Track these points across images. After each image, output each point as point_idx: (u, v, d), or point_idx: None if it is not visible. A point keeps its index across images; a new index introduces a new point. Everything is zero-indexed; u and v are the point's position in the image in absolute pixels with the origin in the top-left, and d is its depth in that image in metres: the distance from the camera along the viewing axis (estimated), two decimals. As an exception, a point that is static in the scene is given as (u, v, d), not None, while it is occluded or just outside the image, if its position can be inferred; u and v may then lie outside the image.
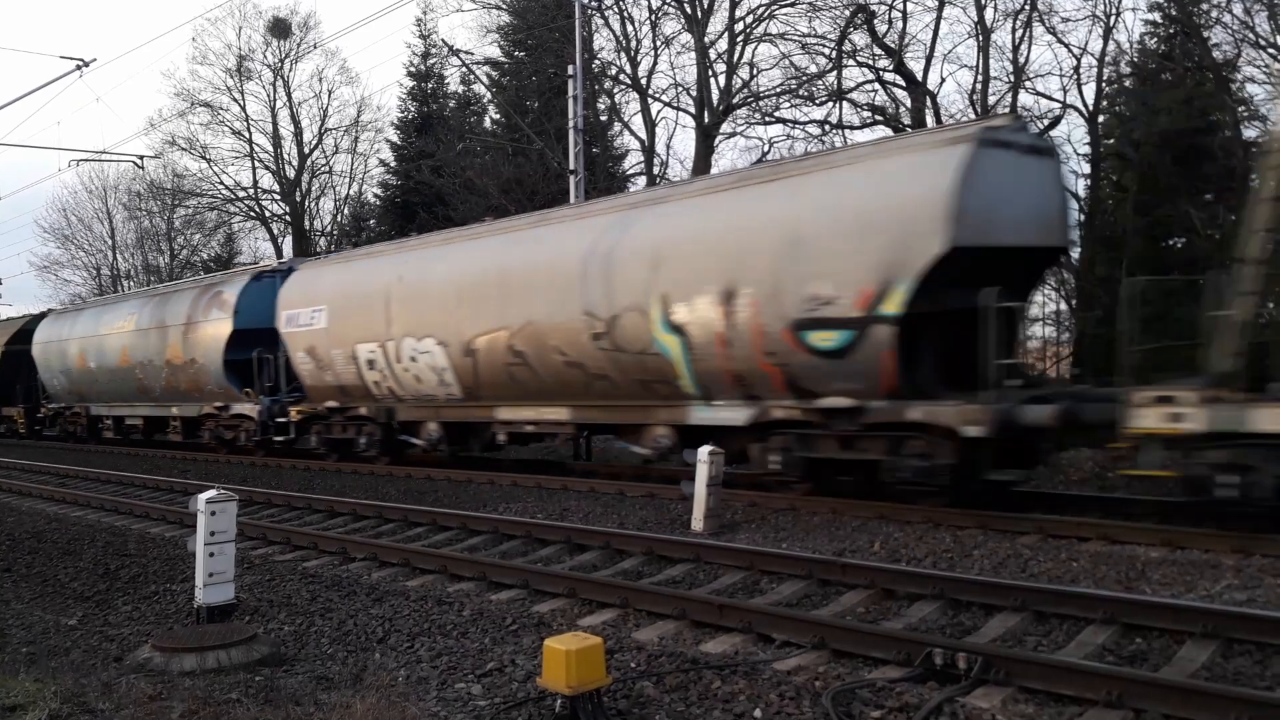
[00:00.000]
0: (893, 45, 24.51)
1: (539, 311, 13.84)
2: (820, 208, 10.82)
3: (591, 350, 13.18)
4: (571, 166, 21.93)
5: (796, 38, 25.93)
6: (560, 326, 13.53)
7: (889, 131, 24.57)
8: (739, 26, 26.40)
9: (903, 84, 24.97)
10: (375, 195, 41.99)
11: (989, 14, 24.00)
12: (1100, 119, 24.35)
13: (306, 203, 45.29)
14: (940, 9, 24.14)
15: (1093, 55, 24.32)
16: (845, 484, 11.33)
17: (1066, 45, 24.79)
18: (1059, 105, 23.91)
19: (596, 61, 29.09)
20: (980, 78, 24.10)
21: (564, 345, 13.56)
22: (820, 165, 11.57)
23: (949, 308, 10.06)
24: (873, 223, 10.21)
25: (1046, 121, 23.07)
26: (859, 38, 25.09)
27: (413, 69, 38.89)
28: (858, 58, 25.23)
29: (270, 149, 44.80)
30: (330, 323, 17.59)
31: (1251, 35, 21.50)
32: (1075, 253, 20.23)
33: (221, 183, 45.57)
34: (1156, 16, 24.16)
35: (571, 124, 21.87)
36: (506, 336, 14.31)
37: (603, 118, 31.11)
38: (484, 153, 32.04)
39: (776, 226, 11.11)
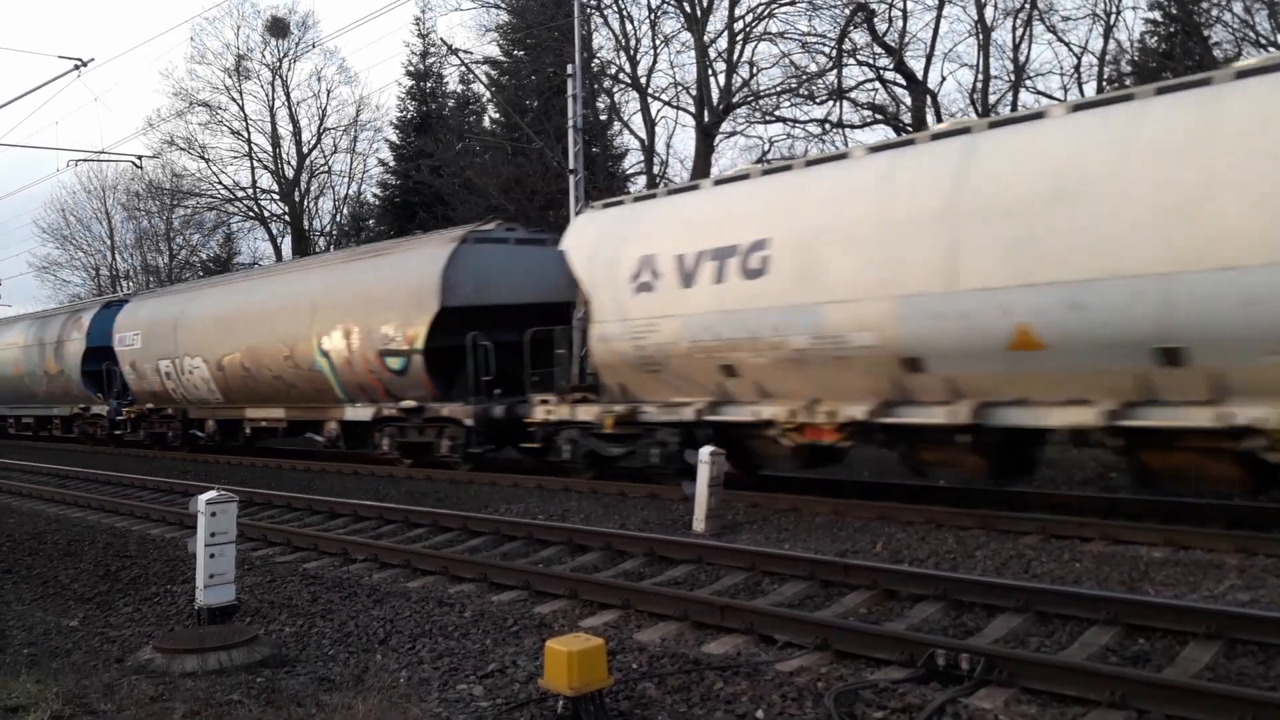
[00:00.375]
0: (893, 44, 24.53)
1: (256, 339, 19.35)
2: (385, 278, 17.01)
3: (286, 368, 18.70)
4: (571, 166, 21.88)
5: (796, 36, 25.97)
6: (267, 351, 19.04)
7: (890, 130, 24.55)
8: (739, 25, 26.41)
9: (903, 83, 24.98)
10: (374, 195, 41.98)
11: (989, 12, 24.05)
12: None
13: (305, 202, 45.26)
14: (940, 7, 24.17)
15: (1093, 54, 24.35)
16: (425, 459, 16.60)
17: (1067, 44, 24.80)
18: (1058, 103, 23.87)
19: (596, 60, 29.07)
20: (981, 76, 24.13)
21: (271, 364, 19.04)
22: (389, 250, 18.31)
23: (451, 344, 15.47)
24: (408, 290, 16.17)
25: None
26: (859, 36, 25.12)
27: (411, 68, 38.88)
28: (858, 56, 25.27)
29: (269, 149, 44.78)
30: (143, 343, 23.17)
31: (1252, 34, 21.50)
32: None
33: (220, 183, 45.54)
34: (1157, 15, 24.16)
35: (571, 123, 21.81)
36: (239, 357, 19.88)
37: (602, 117, 31.08)
38: (483, 152, 32.04)
39: (366, 289, 17.24)
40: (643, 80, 28.41)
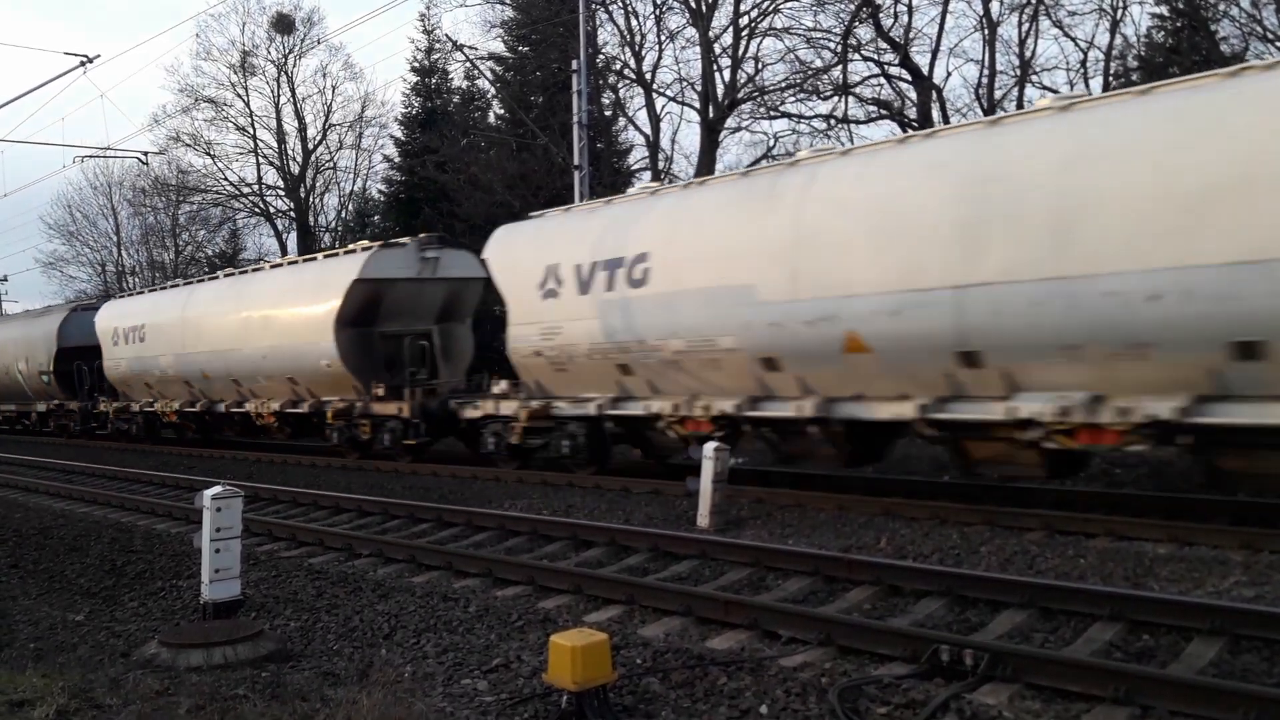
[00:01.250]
0: (898, 39, 24.47)
1: (8, 359, 31.03)
2: (34, 331, 29.75)
3: (6, 380, 31.02)
4: (576, 162, 21.92)
5: (801, 32, 25.91)
6: (10, 370, 30.74)
7: (895, 126, 24.50)
8: (743, 20, 26.36)
9: (908, 78, 24.92)
10: (380, 191, 42.05)
11: (995, 7, 23.99)
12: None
13: (311, 199, 45.35)
14: (946, 2, 24.10)
15: (1099, 49, 24.27)
16: (65, 434, 28.64)
17: (1073, 39, 24.70)
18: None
19: (601, 56, 29.06)
20: (986, 72, 24.08)
21: (10, 378, 30.94)
22: (48, 313, 31.17)
23: (70, 369, 27.76)
24: (39, 339, 29.05)
25: None
26: (864, 32, 25.08)
27: (417, 64, 38.88)
28: (863, 52, 25.21)
29: (274, 145, 44.84)
30: None
31: (1259, 29, 21.40)
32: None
33: (226, 179, 45.61)
34: (1164, 10, 24.05)
35: (576, 119, 21.84)
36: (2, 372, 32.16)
37: (607, 113, 31.07)
38: (488, 148, 32.06)
39: (30, 335, 29.95)
40: (648, 76, 28.41)
